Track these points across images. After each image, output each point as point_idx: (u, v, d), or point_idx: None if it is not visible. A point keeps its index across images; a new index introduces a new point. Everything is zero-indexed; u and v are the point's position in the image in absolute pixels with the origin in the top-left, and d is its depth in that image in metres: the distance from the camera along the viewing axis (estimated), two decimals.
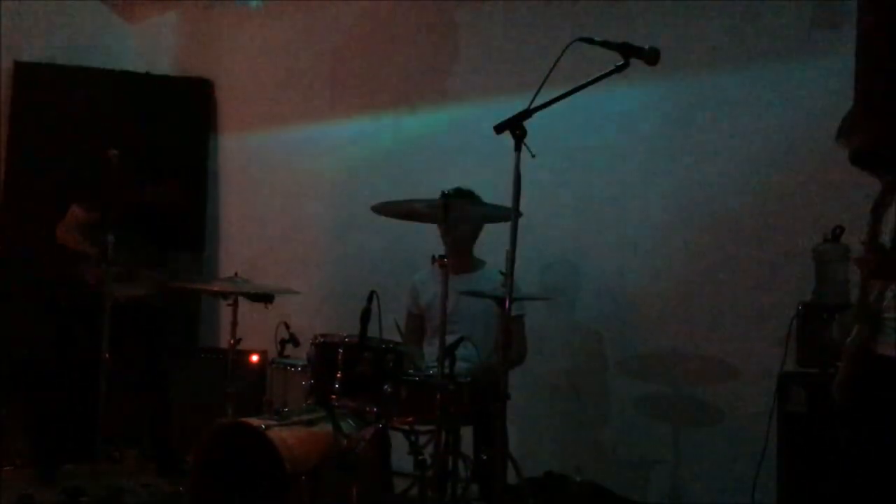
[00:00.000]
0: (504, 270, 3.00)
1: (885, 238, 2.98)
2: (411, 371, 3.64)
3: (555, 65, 2.75)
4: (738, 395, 4.13)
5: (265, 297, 4.39)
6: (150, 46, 6.54)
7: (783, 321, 3.60)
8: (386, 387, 3.53)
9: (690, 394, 4.31)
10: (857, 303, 3.07)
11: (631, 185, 4.51)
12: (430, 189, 3.56)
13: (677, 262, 4.36)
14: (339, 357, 3.60)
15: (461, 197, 3.96)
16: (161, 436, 4.90)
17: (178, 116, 6.06)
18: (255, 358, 4.86)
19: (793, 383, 3.50)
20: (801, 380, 3.47)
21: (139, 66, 6.31)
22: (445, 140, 5.17)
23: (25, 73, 5.86)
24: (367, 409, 3.58)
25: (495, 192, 3.78)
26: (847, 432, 2.98)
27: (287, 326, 4.11)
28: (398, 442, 3.73)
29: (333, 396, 3.58)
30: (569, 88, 2.80)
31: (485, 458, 3.66)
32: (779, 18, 4.09)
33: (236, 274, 4.35)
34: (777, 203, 4.10)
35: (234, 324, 4.20)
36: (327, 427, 3.70)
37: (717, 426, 4.22)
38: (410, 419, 3.62)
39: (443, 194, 3.40)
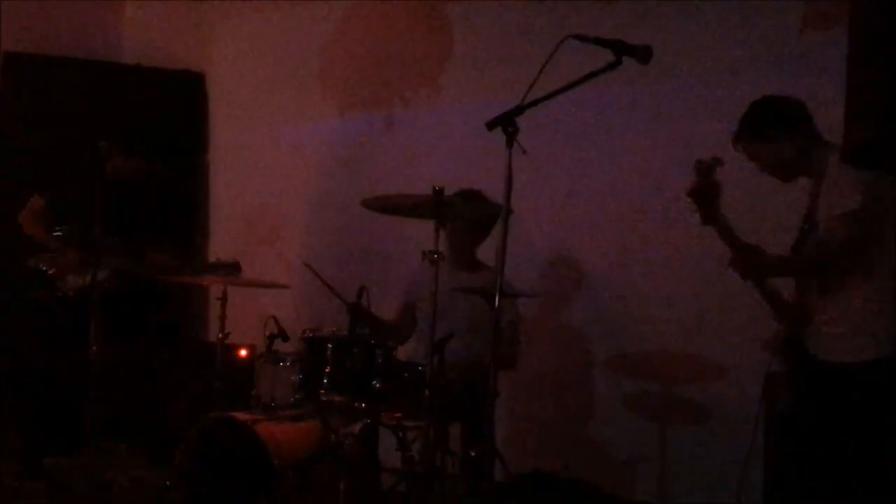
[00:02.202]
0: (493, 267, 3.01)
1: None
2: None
3: (547, 61, 2.75)
4: (725, 394, 4.14)
5: (231, 268, 4.40)
6: (141, 38, 6.51)
7: (771, 321, 3.61)
8: (375, 382, 3.53)
9: (678, 393, 4.32)
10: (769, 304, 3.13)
11: (621, 184, 4.51)
12: (421, 185, 3.56)
13: (667, 261, 4.36)
14: (328, 352, 3.60)
15: (466, 198, 3.93)
16: (149, 429, 4.88)
17: (168, 109, 6.04)
18: (243, 352, 4.85)
19: (781, 383, 3.51)
20: (789, 380, 3.48)
21: (130, 58, 6.29)
22: (437, 136, 5.16)
23: (15, 64, 5.83)
24: (356, 404, 3.58)
25: (487, 189, 3.79)
26: (834, 433, 3.01)
27: (276, 321, 4.10)
28: (386, 438, 3.73)
29: (322, 391, 3.58)
30: (561, 86, 2.80)
31: (473, 454, 3.67)
32: (771, 19, 4.10)
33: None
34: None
35: (223, 318, 4.19)
36: (315, 422, 3.70)
37: (704, 425, 4.23)
38: (398, 415, 3.62)
39: (434, 190, 3.40)
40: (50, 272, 4.58)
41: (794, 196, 3.34)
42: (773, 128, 3.12)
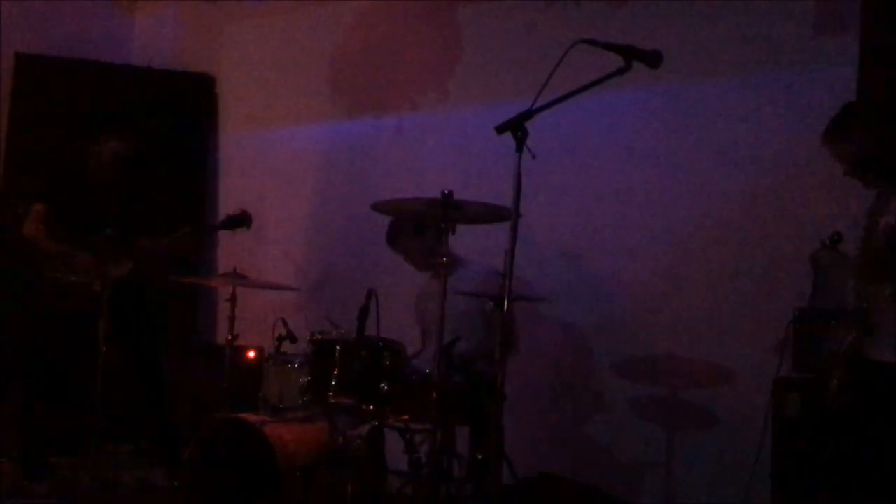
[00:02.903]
0: (501, 270, 3.01)
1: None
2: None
3: (557, 66, 2.76)
4: (733, 399, 4.14)
5: (240, 221, 4.41)
6: (151, 40, 6.54)
7: (779, 326, 3.61)
8: (382, 385, 3.54)
9: (685, 397, 4.32)
10: (853, 310, 3.08)
11: (629, 188, 4.52)
12: (430, 188, 3.57)
13: (675, 265, 4.36)
14: (336, 354, 3.61)
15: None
16: (156, 430, 4.89)
17: (178, 111, 6.06)
18: (251, 354, 4.86)
19: (788, 388, 3.50)
20: (797, 385, 3.48)
21: (140, 60, 6.32)
22: (447, 140, 5.17)
23: (26, 65, 5.85)
24: (363, 406, 3.59)
25: (496, 193, 3.79)
26: (841, 437, 3.00)
27: (284, 323, 4.11)
28: (393, 440, 3.74)
29: (330, 393, 3.59)
30: (571, 90, 2.81)
31: (480, 457, 3.67)
32: (782, 24, 4.10)
33: (235, 270, 4.36)
34: (775, 208, 4.11)
35: (232, 319, 4.21)
36: (323, 424, 3.71)
37: (711, 430, 4.23)
38: (406, 417, 3.63)
39: (443, 194, 3.40)
40: (69, 281, 4.56)
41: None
42: (861, 130, 3.08)
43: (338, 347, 3.61)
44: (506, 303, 2.90)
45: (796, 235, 3.92)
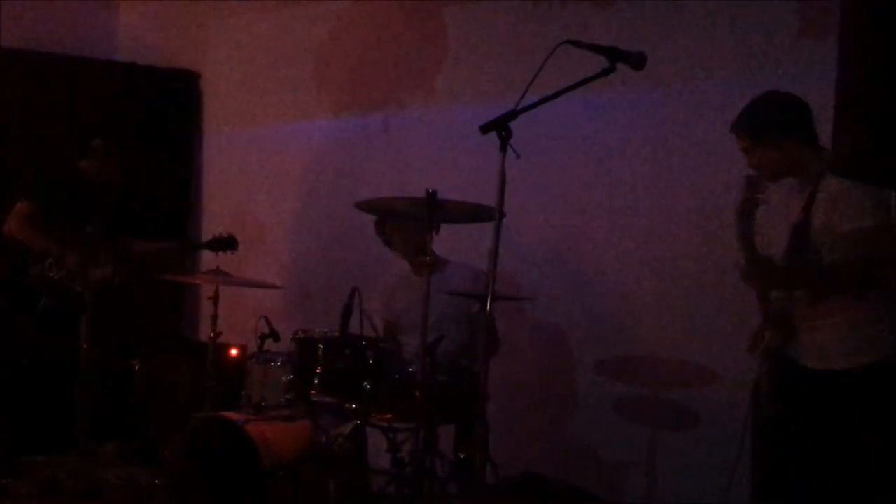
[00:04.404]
0: (486, 270, 3.01)
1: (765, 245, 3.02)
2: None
3: (542, 66, 2.77)
4: (715, 399, 4.16)
5: (227, 244, 4.48)
6: (135, 36, 6.51)
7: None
8: (365, 384, 3.53)
9: (667, 397, 4.34)
10: (762, 311, 3.11)
11: (614, 188, 4.53)
12: (415, 187, 3.57)
13: (658, 265, 4.38)
14: (319, 352, 3.60)
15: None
16: (139, 428, 4.87)
17: (163, 108, 6.04)
18: (234, 352, 4.85)
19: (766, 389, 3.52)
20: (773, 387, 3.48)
21: (125, 57, 6.29)
22: (432, 139, 5.17)
23: (8, 60, 5.81)
24: (346, 405, 3.59)
25: (480, 192, 3.80)
26: (821, 437, 3.03)
27: (268, 321, 4.11)
28: (376, 439, 3.74)
29: (312, 392, 3.59)
30: (555, 90, 2.82)
31: (462, 456, 3.68)
32: (765, 27, 4.12)
33: (218, 268, 4.35)
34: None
35: (215, 317, 4.20)
36: (305, 422, 3.70)
37: (693, 429, 4.25)
38: (389, 416, 3.63)
39: (427, 192, 3.40)
40: (56, 277, 4.54)
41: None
42: (765, 125, 3.10)
43: (320, 346, 3.61)
44: (489, 302, 2.90)
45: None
